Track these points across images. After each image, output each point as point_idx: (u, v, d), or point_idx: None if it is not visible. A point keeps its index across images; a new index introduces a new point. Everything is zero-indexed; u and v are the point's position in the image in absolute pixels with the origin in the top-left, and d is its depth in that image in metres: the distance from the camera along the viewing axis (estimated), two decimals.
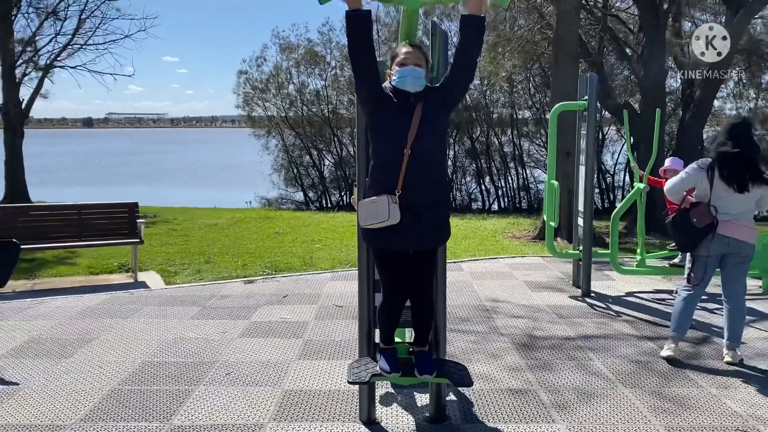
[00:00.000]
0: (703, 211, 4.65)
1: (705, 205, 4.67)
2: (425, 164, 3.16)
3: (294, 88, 24.26)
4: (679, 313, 4.87)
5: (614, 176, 21.71)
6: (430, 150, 3.18)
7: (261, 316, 6.15)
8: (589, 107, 6.77)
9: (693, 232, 4.69)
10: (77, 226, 7.98)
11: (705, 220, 4.63)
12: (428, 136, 3.17)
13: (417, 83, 3.21)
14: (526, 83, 20.95)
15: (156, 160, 62.12)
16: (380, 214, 3.12)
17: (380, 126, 3.22)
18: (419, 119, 3.16)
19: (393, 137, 3.16)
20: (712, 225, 4.64)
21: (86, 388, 4.32)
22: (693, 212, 4.68)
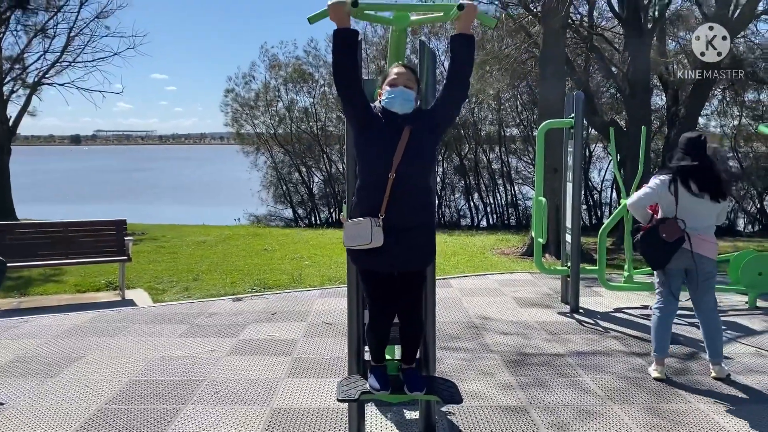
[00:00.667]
0: (672, 225, 4.65)
1: (672, 219, 4.68)
2: (410, 188, 3.14)
3: (283, 105, 24.34)
4: (656, 332, 4.88)
5: (601, 193, 21.85)
6: (415, 174, 3.16)
7: (249, 333, 6.11)
8: (576, 125, 6.84)
9: (663, 248, 4.67)
10: (64, 244, 7.93)
11: (675, 234, 4.63)
12: (414, 159, 3.13)
13: (406, 105, 3.19)
14: (513, 101, 21.12)
15: (144, 177, 61.86)
16: (363, 236, 3.11)
17: (366, 146, 3.20)
18: (406, 142, 3.12)
19: (379, 159, 3.13)
20: (682, 239, 4.64)
21: (72, 408, 4.27)
22: (662, 227, 4.67)
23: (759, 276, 7.03)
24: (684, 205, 4.66)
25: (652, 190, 4.77)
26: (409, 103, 3.20)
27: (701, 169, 4.67)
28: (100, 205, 30.59)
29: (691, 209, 4.66)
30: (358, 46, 3.23)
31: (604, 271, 7.26)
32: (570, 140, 7.09)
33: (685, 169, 4.67)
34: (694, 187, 4.63)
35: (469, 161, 22.58)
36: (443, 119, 3.33)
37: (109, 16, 19.17)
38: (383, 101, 3.23)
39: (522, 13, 12.57)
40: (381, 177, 3.11)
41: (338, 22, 3.14)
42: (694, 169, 4.65)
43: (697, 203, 4.66)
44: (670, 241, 4.62)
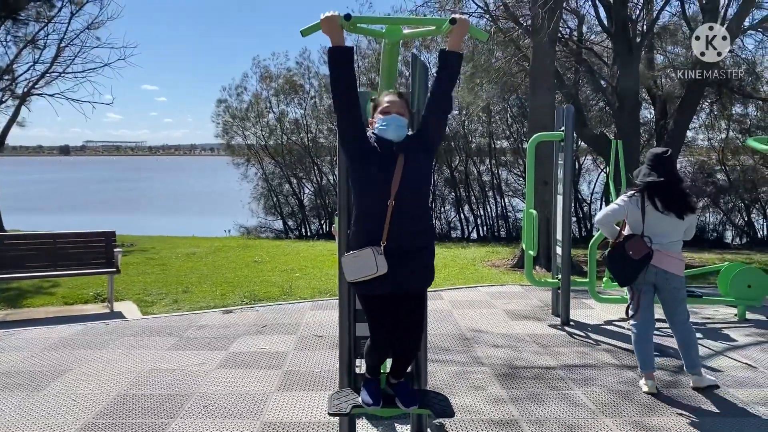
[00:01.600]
0: (639, 243, 4.64)
1: (639, 236, 4.67)
2: (409, 214, 3.15)
3: (274, 116, 24.33)
4: (637, 348, 4.88)
5: (591, 205, 21.96)
6: (413, 199, 3.16)
7: (240, 346, 6.07)
8: (566, 137, 6.88)
9: (630, 265, 4.67)
10: (52, 256, 7.86)
11: (641, 251, 4.63)
12: (412, 185, 3.14)
13: (399, 132, 3.19)
14: (503, 113, 21.24)
15: (134, 189, 61.59)
16: (367, 267, 3.08)
17: (363, 176, 3.17)
18: (402, 169, 3.12)
19: (376, 188, 3.11)
20: (648, 256, 4.63)
21: (59, 422, 4.22)
22: (628, 244, 4.66)
23: (748, 288, 7.07)
24: (650, 221, 4.68)
25: (619, 206, 4.79)
26: (402, 130, 3.20)
27: (667, 185, 4.69)
28: (89, 216, 30.39)
29: (657, 225, 4.68)
30: (353, 62, 3.23)
31: (594, 284, 7.27)
32: (560, 153, 7.13)
33: (651, 186, 4.69)
34: (659, 204, 4.65)
35: (459, 173, 22.63)
36: (434, 135, 3.33)
37: (100, 27, 19.10)
38: (376, 128, 3.22)
39: (512, 27, 12.67)
40: (380, 206, 3.10)
41: (331, 35, 3.15)
42: (660, 185, 4.68)
43: (663, 219, 4.68)
44: (636, 259, 4.63)
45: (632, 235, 4.71)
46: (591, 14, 14.10)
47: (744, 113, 18.62)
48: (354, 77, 3.22)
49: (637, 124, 13.65)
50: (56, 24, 18.72)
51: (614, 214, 4.80)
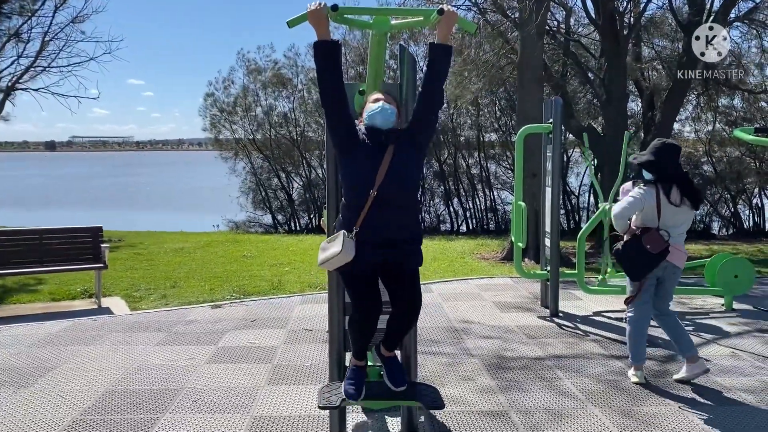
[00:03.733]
0: (656, 237, 4.58)
1: (655, 230, 4.61)
2: (392, 206, 3.14)
3: (261, 110, 24.23)
4: (633, 340, 4.85)
5: (579, 197, 22.05)
6: (397, 193, 3.15)
7: (229, 341, 6.05)
8: (554, 130, 6.89)
9: (647, 259, 4.60)
10: (39, 252, 7.78)
11: (659, 245, 4.57)
12: (398, 177, 3.13)
13: (387, 117, 3.20)
14: (492, 106, 21.27)
15: (121, 184, 61.17)
16: (333, 247, 3.11)
17: (350, 165, 3.18)
18: (390, 160, 3.13)
19: (362, 177, 3.12)
20: (666, 251, 4.58)
21: (47, 419, 4.18)
22: (646, 238, 4.58)
23: (735, 278, 7.13)
24: (665, 214, 4.63)
25: (636, 199, 4.67)
26: (391, 117, 3.21)
27: (683, 176, 4.68)
28: (76, 211, 30.16)
29: (671, 218, 4.63)
30: (339, 56, 3.23)
31: (583, 275, 7.31)
32: (548, 145, 7.14)
33: (669, 178, 4.62)
34: (675, 197, 4.59)
35: (448, 166, 22.66)
36: (426, 130, 3.32)
37: (85, 20, 18.84)
38: (366, 118, 3.24)
39: (499, 20, 12.66)
40: (363, 195, 3.10)
41: (317, 27, 3.13)
42: (678, 178, 4.64)
43: (677, 212, 4.63)
44: (654, 253, 4.56)
45: (648, 228, 4.62)
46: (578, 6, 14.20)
47: (730, 105, 18.76)
48: (340, 70, 3.22)
49: (625, 117, 13.70)
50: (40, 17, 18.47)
51: (632, 207, 4.67)
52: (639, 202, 4.66)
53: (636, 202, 4.66)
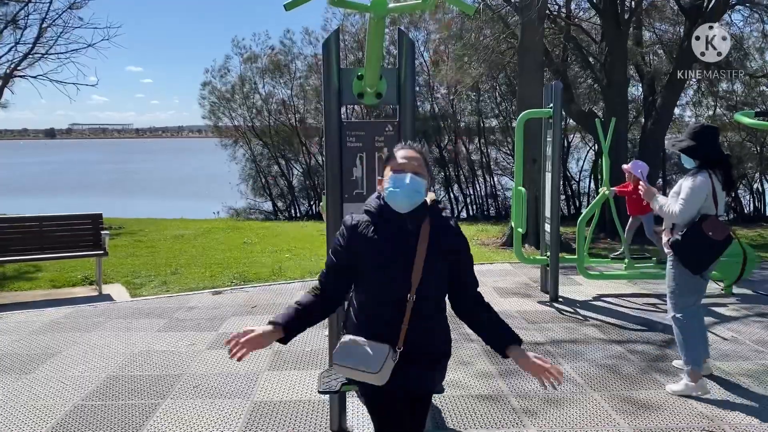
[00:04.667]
0: (718, 223, 4.21)
1: (715, 216, 4.25)
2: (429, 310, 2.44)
3: (260, 97, 24.15)
4: (695, 343, 4.37)
5: (579, 183, 22.03)
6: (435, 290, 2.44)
7: (230, 327, 6.06)
8: (554, 114, 6.87)
9: (712, 248, 4.21)
10: (39, 239, 7.78)
11: (723, 232, 4.20)
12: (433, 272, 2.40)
13: (413, 198, 2.37)
14: (492, 92, 21.18)
15: (121, 171, 61.10)
16: (369, 362, 2.34)
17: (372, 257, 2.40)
18: (426, 249, 2.38)
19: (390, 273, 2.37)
20: (730, 237, 4.24)
21: (48, 405, 4.20)
22: (706, 225, 4.19)
23: (735, 263, 7.12)
24: (719, 202, 4.30)
25: (700, 190, 4.23)
26: (417, 196, 2.38)
27: (727, 161, 4.40)
28: (76, 199, 30.14)
29: (720, 206, 4.33)
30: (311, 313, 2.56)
31: (583, 260, 7.31)
32: (549, 130, 7.12)
33: (714, 163, 4.29)
34: (723, 181, 4.30)
35: (448, 152, 22.60)
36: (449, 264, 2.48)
37: (83, 6, 18.72)
38: (386, 193, 2.40)
39: (500, 4, 12.58)
40: (395, 298, 2.36)
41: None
42: (724, 162, 4.35)
43: (722, 199, 4.34)
44: (719, 240, 4.19)
45: (707, 215, 4.24)
46: None
47: (731, 90, 18.67)
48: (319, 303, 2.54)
49: (625, 101, 13.65)
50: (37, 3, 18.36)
51: (698, 199, 4.23)
52: (702, 192, 4.24)
53: (700, 192, 4.23)
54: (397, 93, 3.65)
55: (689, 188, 4.27)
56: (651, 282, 7.78)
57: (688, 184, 4.28)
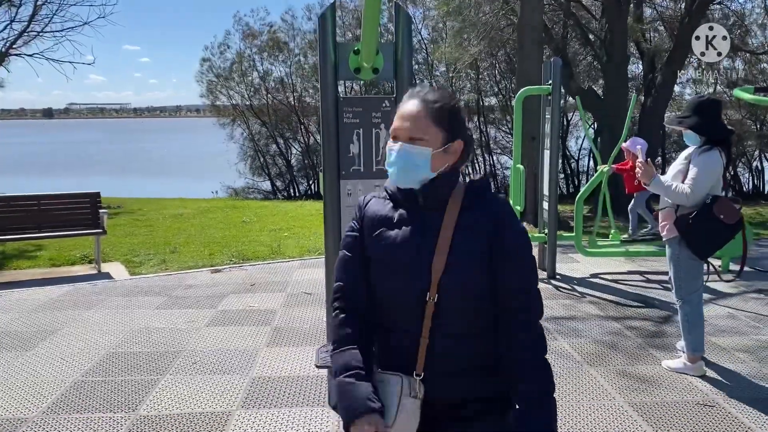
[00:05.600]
0: (729, 205, 3.99)
1: (725, 198, 4.05)
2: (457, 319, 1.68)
3: (258, 75, 23.99)
4: (698, 329, 4.25)
5: (578, 161, 21.99)
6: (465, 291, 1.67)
7: (228, 304, 6.08)
8: (553, 91, 6.83)
9: (723, 232, 4.00)
10: (37, 218, 7.77)
11: (734, 215, 3.98)
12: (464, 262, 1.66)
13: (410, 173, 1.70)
14: (491, 69, 21.04)
15: (119, 151, 60.91)
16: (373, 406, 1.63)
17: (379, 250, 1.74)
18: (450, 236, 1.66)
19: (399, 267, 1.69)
20: (741, 221, 4.03)
21: (48, 380, 4.23)
22: (717, 207, 3.95)
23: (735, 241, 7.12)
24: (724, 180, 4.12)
25: (712, 169, 4.00)
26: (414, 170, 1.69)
27: (729, 139, 4.17)
28: (74, 179, 30.07)
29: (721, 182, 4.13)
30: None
31: (581, 238, 7.32)
32: (547, 107, 7.08)
33: (721, 140, 4.06)
34: (726, 159, 4.08)
35: None
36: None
37: None
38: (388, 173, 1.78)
39: None
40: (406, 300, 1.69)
41: None
42: (728, 139, 4.14)
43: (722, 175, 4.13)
44: (730, 224, 3.98)
45: (717, 197, 4.02)
46: None
47: (731, 67, 18.55)
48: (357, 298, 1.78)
49: (625, 79, 13.57)
50: None
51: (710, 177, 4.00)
52: (716, 172, 4.01)
53: (713, 172, 4.00)
54: (394, 68, 3.63)
55: (702, 166, 3.98)
56: (648, 259, 7.81)
57: (701, 163, 3.99)
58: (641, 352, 4.71)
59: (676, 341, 4.85)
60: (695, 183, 3.99)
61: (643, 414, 3.68)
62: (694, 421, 3.61)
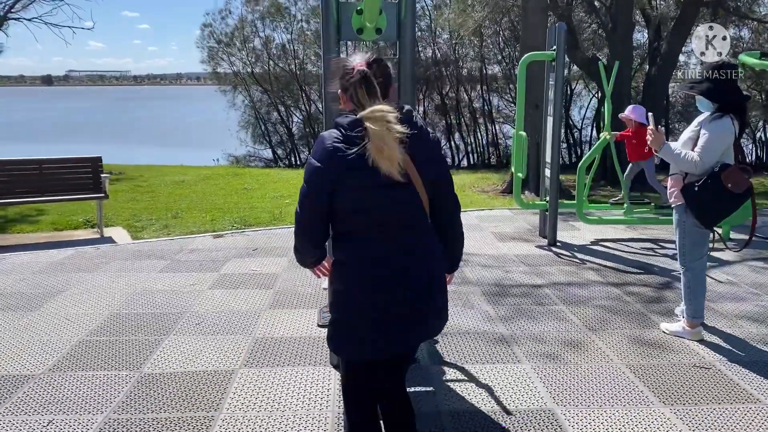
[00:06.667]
0: (738, 174, 3.89)
1: (736, 166, 3.94)
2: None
3: (260, 41, 23.77)
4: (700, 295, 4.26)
5: (581, 131, 21.87)
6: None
7: (231, 268, 6.12)
8: (557, 57, 6.76)
9: (727, 202, 3.92)
10: (39, 182, 7.78)
11: (743, 183, 3.89)
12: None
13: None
14: (495, 37, 20.81)
15: (119, 118, 60.60)
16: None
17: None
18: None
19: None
20: (750, 190, 3.94)
21: (54, 340, 4.28)
22: (726, 176, 3.87)
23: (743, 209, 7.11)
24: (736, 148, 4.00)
25: (724, 137, 3.91)
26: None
27: (744, 105, 4.07)
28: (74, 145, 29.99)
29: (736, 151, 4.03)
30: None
31: (582, 205, 7.33)
32: (551, 73, 7.02)
33: (734, 107, 3.96)
34: (739, 126, 3.99)
35: (450, 100, 22.37)
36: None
37: None
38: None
39: None
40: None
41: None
42: (743, 106, 4.03)
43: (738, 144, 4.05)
44: (737, 192, 3.90)
45: (726, 165, 3.93)
46: None
47: (738, 36, 18.34)
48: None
49: (630, 47, 13.43)
50: None
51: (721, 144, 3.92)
52: (727, 139, 3.94)
53: (724, 139, 3.93)
54: (397, 29, 3.59)
55: (712, 134, 3.90)
56: (649, 227, 7.83)
57: (711, 130, 3.91)
58: (640, 317, 4.75)
59: (675, 307, 4.88)
60: (704, 150, 3.91)
61: (640, 376, 3.74)
62: (690, 382, 3.66)
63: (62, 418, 3.24)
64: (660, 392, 3.53)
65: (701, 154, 3.92)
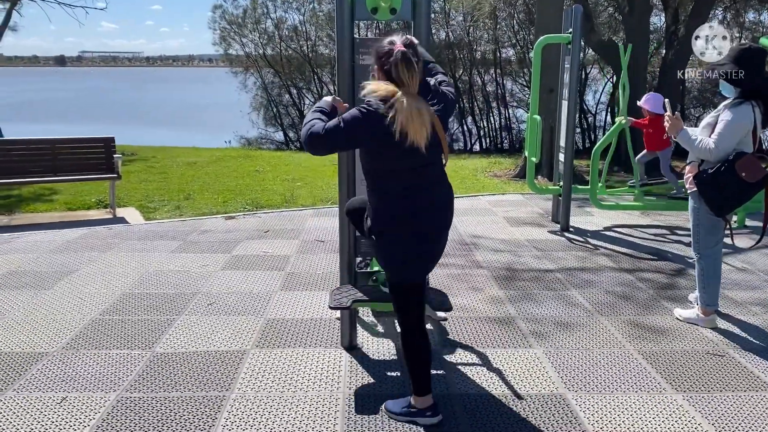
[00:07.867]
0: (754, 163, 3.80)
1: (752, 155, 3.84)
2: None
3: (272, 23, 23.64)
4: (715, 283, 4.25)
5: (596, 116, 21.64)
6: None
7: (243, 250, 6.14)
8: (573, 39, 6.67)
9: (740, 191, 3.84)
10: (52, 162, 7.81)
11: (758, 173, 3.79)
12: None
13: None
14: (510, 20, 20.58)
15: (132, 99, 60.70)
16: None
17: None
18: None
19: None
20: (764, 180, 3.82)
21: (67, 318, 4.32)
22: (740, 164, 3.78)
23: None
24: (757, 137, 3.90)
25: (741, 124, 3.83)
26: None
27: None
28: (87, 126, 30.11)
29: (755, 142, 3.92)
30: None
31: (596, 191, 7.26)
32: (567, 56, 6.93)
33: (758, 94, 3.85)
34: (763, 114, 3.88)
35: (463, 83, 22.17)
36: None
37: None
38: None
39: None
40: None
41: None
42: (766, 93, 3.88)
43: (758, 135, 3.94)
44: (751, 182, 3.80)
45: (742, 153, 3.84)
46: None
47: (757, 21, 18.05)
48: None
49: (647, 31, 13.23)
50: None
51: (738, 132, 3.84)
52: (744, 127, 3.85)
53: (741, 127, 3.84)
54: (412, 8, 3.54)
55: (729, 121, 3.83)
56: (663, 213, 7.76)
57: (728, 116, 3.84)
58: (653, 303, 4.72)
59: (688, 293, 4.85)
60: (720, 138, 3.84)
61: (652, 362, 3.71)
62: (702, 369, 3.63)
63: (75, 395, 3.27)
64: (673, 379, 3.51)
65: (716, 141, 3.85)
